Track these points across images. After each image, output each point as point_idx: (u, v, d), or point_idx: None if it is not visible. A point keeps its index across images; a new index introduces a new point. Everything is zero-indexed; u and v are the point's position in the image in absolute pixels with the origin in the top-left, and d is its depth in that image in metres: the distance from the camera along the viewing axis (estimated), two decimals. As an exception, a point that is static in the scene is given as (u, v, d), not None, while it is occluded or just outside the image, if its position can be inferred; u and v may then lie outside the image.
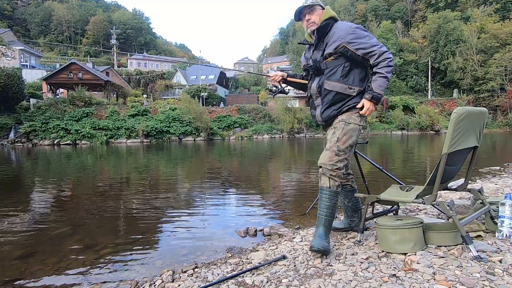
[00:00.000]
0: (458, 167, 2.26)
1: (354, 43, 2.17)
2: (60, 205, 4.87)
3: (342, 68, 2.23)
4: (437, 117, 34.14)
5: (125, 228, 3.57)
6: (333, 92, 2.24)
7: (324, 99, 2.29)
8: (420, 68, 50.05)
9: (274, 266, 2.01)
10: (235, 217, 3.81)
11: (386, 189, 2.47)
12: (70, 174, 8.54)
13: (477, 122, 2.08)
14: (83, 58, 57.97)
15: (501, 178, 5.37)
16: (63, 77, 31.30)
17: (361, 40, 2.17)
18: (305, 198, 4.50)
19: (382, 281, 1.65)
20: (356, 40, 2.17)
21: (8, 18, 75.99)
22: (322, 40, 2.30)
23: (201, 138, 28.11)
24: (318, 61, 2.31)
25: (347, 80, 2.24)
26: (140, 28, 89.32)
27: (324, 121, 2.34)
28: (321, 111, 2.32)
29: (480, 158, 8.83)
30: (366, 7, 62.56)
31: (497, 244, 1.99)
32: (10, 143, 24.29)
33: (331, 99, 2.26)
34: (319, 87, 2.30)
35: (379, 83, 2.16)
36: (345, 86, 2.23)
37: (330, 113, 2.28)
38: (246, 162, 10.87)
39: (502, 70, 39.42)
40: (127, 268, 2.45)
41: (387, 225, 2.03)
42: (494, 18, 46.41)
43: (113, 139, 26.40)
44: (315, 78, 2.35)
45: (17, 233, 3.36)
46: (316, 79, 2.34)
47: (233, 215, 3.89)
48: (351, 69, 2.25)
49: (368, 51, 2.16)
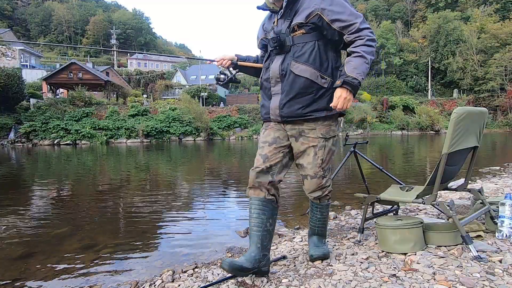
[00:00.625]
0: (458, 167, 2.26)
1: (330, 11, 1.68)
2: (60, 205, 4.87)
3: (314, 47, 1.73)
4: (437, 117, 34.15)
5: (125, 228, 3.57)
6: (301, 78, 1.73)
7: (287, 87, 1.76)
8: (420, 68, 50.09)
9: (274, 266, 2.01)
10: (235, 217, 3.82)
11: (386, 189, 2.47)
12: (70, 174, 8.54)
13: (477, 122, 2.08)
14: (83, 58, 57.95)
15: (501, 178, 5.37)
16: (63, 77, 31.32)
17: (339, 9, 1.68)
18: (305, 198, 4.48)
19: (382, 281, 1.64)
20: (332, 8, 1.68)
21: (8, 18, 75.98)
22: (291, 7, 1.76)
23: (201, 138, 28.11)
24: (284, 34, 1.77)
25: (320, 65, 1.74)
26: (140, 28, 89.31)
27: (283, 118, 1.81)
28: (282, 103, 1.78)
29: (480, 158, 8.83)
30: (366, 7, 62.57)
31: (497, 244, 1.99)
32: (10, 143, 24.28)
33: (297, 88, 1.74)
34: (284, 69, 1.76)
35: (354, 64, 1.66)
36: (316, 73, 1.73)
37: (295, 110, 1.77)
38: (246, 162, 10.87)
39: (502, 70, 39.44)
40: (127, 268, 2.45)
41: (387, 225, 2.03)
42: (494, 18, 46.45)
43: (113, 139, 26.40)
44: (277, 58, 1.81)
45: (17, 233, 3.36)
46: (279, 59, 1.79)
47: (233, 215, 3.90)
48: (326, 52, 1.76)
49: (346, 24, 1.68)
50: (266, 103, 1.90)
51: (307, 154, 1.83)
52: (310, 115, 1.78)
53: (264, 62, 1.92)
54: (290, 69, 1.74)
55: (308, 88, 1.74)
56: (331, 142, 1.85)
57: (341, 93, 1.66)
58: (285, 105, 1.78)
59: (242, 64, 2.09)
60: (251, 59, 2.12)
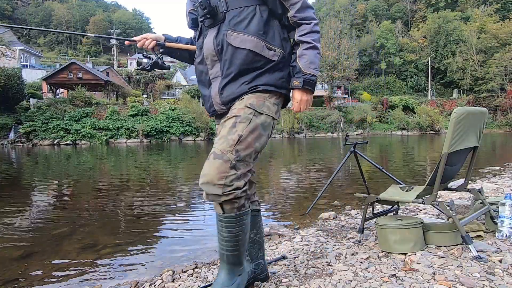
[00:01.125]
0: (458, 167, 2.26)
1: None
2: (60, 205, 4.87)
3: (255, 12, 1.39)
4: (437, 117, 34.21)
5: (125, 228, 3.57)
6: (243, 51, 1.35)
7: (227, 65, 1.39)
8: (420, 68, 50.13)
9: (274, 266, 2.01)
10: (235, 217, 3.81)
11: (386, 189, 2.47)
12: (70, 174, 8.54)
13: (477, 122, 2.08)
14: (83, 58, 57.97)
15: (501, 178, 5.37)
16: (63, 77, 31.34)
17: None
18: (305, 198, 4.50)
19: (382, 281, 1.65)
20: None
21: (8, 18, 75.98)
22: None
23: (201, 138, 28.12)
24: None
25: (265, 34, 1.38)
26: (140, 28, 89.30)
27: (225, 103, 1.43)
28: (221, 85, 1.42)
29: (480, 158, 8.83)
30: (366, 7, 62.62)
31: (497, 244, 1.99)
32: (10, 143, 24.29)
33: (239, 64, 1.36)
34: (219, 43, 1.39)
35: (308, 58, 1.39)
36: (261, 43, 1.37)
37: (236, 88, 1.39)
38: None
39: (502, 70, 39.46)
40: (127, 268, 2.45)
41: (387, 225, 2.03)
42: (494, 18, 46.49)
43: (113, 139, 26.42)
44: (210, 31, 1.44)
45: (17, 233, 3.36)
46: (212, 32, 1.42)
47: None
48: (269, 20, 1.42)
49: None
50: (206, 92, 1.49)
51: (225, 126, 1.36)
52: (256, 87, 1.38)
53: (197, 41, 1.53)
54: (227, 41, 1.37)
55: (252, 63, 1.37)
56: (262, 120, 1.37)
57: (301, 96, 1.42)
58: (225, 87, 1.41)
59: (171, 46, 1.67)
60: (184, 40, 1.73)
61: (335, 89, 41.70)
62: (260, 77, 1.39)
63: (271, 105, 1.41)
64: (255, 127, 1.35)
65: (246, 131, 1.32)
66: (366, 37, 52.65)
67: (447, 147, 1.89)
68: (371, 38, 52.27)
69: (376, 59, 52.70)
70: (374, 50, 52.25)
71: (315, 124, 33.47)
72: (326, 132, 33.13)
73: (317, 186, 5.52)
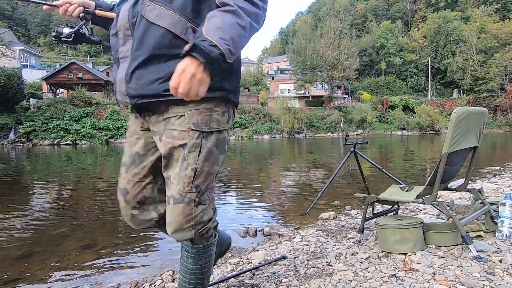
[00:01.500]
0: (458, 167, 2.26)
1: None
2: (60, 205, 4.87)
3: None
4: (437, 117, 34.20)
5: (125, 228, 3.57)
6: (158, 29, 1.05)
7: (136, 45, 1.08)
8: (420, 68, 50.12)
9: (274, 266, 2.01)
10: (235, 217, 3.82)
11: (386, 189, 2.47)
12: (70, 174, 8.54)
13: (477, 122, 2.08)
14: (83, 58, 57.96)
15: (501, 178, 5.37)
16: (63, 77, 31.33)
17: None
18: (305, 198, 4.50)
19: (382, 281, 1.65)
20: None
21: (8, 18, 76.02)
22: None
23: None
24: None
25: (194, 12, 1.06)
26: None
27: (132, 98, 1.11)
28: (129, 71, 1.10)
29: (480, 158, 8.83)
30: (366, 7, 62.61)
31: (497, 244, 2.00)
32: (10, 143, 24.29)
33: (151, 45, 1.05)
34: (135, 14, 1.09)
35: (219, 23, 0.95)
36: (184, 21, 1.05)
37: (149, 84, 1.06)
38: (246, 162, 10.87)
39: (502, 70, 39.44)
40: (127, 268, 2.45)
41: (387, 225, 2.03)
42: (494, 18, 46.47)
43: (113, 139, 26.40)
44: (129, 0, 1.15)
45: (17, 233, 3.36)
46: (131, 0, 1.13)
47: (233, 215, 3.89)
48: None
49: None
50: (116, 75, 1.17)
51: (174, 159, 1.12)
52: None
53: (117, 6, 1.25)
54: (141, 13, 1.07)
55: (168, 48, 1.05)
56: (213, 140, 1.13)
57: (186, 66, 0.92)
58: (133, 74, 1.09)
59: (102, 15, 1.36)
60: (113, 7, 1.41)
61: (335, 89, 41.68)
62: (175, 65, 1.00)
63: (219, 116, 1.13)
64: (208, 153, 1.12)
65: (200, 162, 1.10)
66: (366, 37, 52.65)
67: (447, 147, 1.89)
68: (371, 38, 52.27)
69: (376, 59, 52.69)
70: (374, 50, 52.25)
71: (315, 124, 33.46)
72: (326, 132, 33.12)
73: (317, 186, 5.52)
